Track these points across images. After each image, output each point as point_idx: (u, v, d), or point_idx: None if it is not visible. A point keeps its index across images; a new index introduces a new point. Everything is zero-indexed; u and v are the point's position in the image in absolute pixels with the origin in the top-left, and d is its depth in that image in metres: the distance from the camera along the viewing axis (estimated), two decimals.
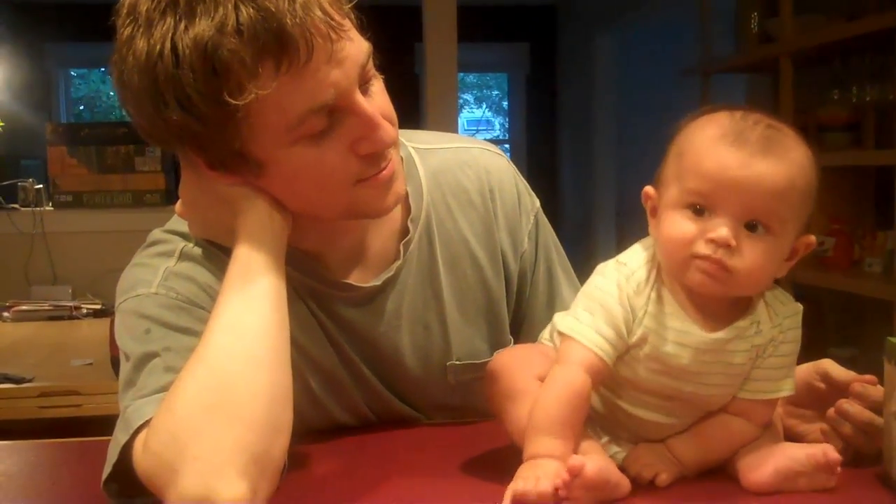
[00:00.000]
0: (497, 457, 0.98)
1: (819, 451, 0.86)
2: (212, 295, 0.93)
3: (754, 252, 0.83)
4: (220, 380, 0.82)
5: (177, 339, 0.91)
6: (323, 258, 1.03)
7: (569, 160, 7.11)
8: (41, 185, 3.58)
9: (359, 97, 0.88)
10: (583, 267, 0.96)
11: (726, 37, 3.70)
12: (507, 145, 7.57)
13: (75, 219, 3.47)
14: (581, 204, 6.64)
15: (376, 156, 0.91)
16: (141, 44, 0.83)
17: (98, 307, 3.19)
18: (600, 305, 0.87)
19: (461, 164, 1.13)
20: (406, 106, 0.95)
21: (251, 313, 0.86)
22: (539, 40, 7.22)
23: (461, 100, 8.51)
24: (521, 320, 1.17)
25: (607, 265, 0.90)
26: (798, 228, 0.85)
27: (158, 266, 0.98)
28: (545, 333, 1.00)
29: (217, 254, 0.97)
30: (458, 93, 4.63)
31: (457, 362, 1.11)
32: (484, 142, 1.20)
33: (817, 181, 0.85)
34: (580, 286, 0.92)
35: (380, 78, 0.93)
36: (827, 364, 0.97)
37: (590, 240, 6.21)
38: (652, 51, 5.67)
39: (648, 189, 0.90)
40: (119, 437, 0.87)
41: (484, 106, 9.69)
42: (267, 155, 0.88)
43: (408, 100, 1.04)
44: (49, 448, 1.18)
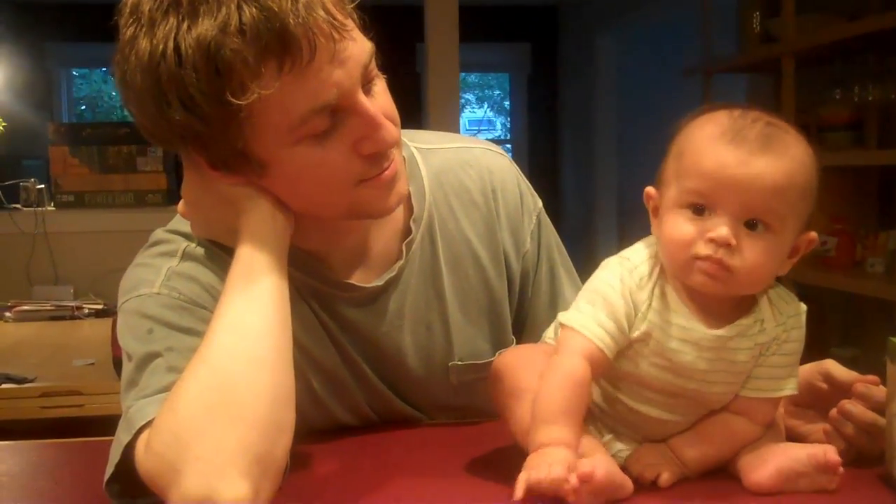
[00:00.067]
0: (499, 457, 0.98)
1: (820, 452, 0.86)
2: (214, 295, 0.93)
3: (755, 250, 0.83)
4: (223, 380, 0.82)
5: (179, 339, 0.91)
6: (325, 258, 1.03)
7: (570, 160, 7.11)
8: (43, 185, 3.58)
9: (361, 97, 0.88)
10: (584, 266, 0.96)
11: (728, 36, 3.69)
12: (509, 145, 7.56)
13: (77, 219, 3.48)
14: (582, 204, 6.64)
15: (379, 156, 0.91)
16: (144, 44, 0.83)
17: (100, 307, 3.19)
18: (602, 298, 0.87)
19: (463, 164, 1.13)
20: (408, 106, 0.95)
21: (254, 313, 0.86)
22: (540, 40, 7.22)
23: (463, 100, 8.50)
24: (524, 320, 1.17)
25: (611, 260, 0.90)
26: (799, 226, 0.85)
27: (161, 266, 0.98)
28: (549, 333, 1.00)
29: (219, 254, 0.97)
30: (460, 93, 4.62)
31: (459, 362, 1.11)
32: (486, 142, 1.20)
33: (817, 178, 0.85)
34: (582, 286, 0.92)
35: (382, 78, 0.92)
36: (829, 364, 0.97)
37: (591, 240, 6.21)
38: (653, 51, 5.67)
39: (650, 189, 0.90)
40: (121, 438, 0.87)
41: (485, 106, 9.69)
42: (269, 155, 0.88)
43: (409, 99, 1.04)
44: (51, 448, 1.18)
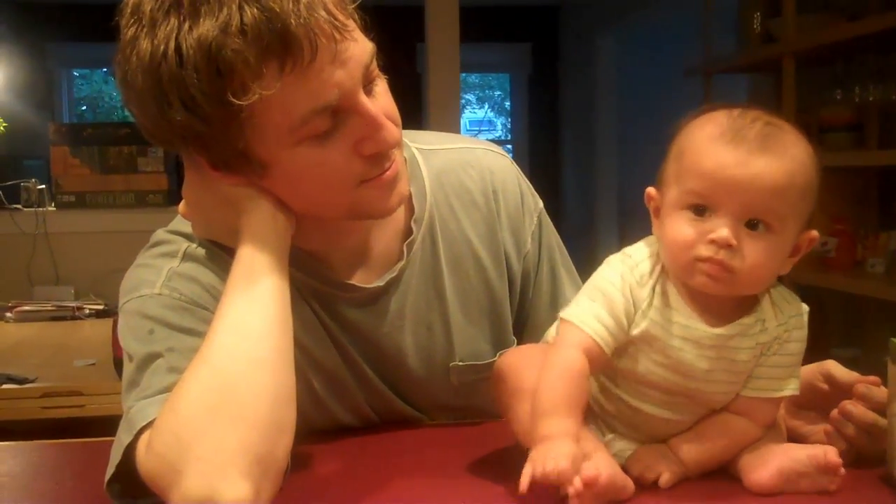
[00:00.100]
0: (500, 457, 0.98)
1: (820, 452, 0.86)
2: (215, 295, 0.93)
3: (756, 251, 0.83)
4: (224, 380, 0.82)
5: (180, 340, 0.91)
6: (326, 259, 1.03)
7: (571, 160, 7.11)
8: (44, 186, 3.58)
9: (363, 98, 0.87)
10: (585, 267, 0.96)
11: (728, 37, 3.69)
12: (510, 146, 7.57)
13: (78, 219, 3.48)
14: (583, 204, 6.64)
15: (380, 156, 0.91)
16: (145, 44, 0.83)
17: (101, 307, 3.19)
18: (602, 294, 0.87)
19: (464, 165, 1.13)
20: (408, 106, 0.96)
21: (255, 314, 0.86)
22: (541, 41, 7.22)
23: (463, 100, 8.50)
24: (525, 321, 1.17)
25: (614, 257, 0.91)
26: (800, 225, 0.85)
27: (162, 267, 0.98)
28: (550, 333, 1.00)
29: (220, 254, 0.97)
30: (461, 93, 4.62)
31: (459, 363, 1.11)
32: (487, 142, 1.20)
33: (818, 177, 0.85)
34: (583, 285, 0.92)
35: (384, 78, 0.92)
36: (830, 365, 0.97)
37: (592, 240, 6.21)
38: (654, 51, 5.67)
39: (651, 190, 0.90)
40: (122, 438, 0.87)
41: (486, 106, 9.69)
42: (271, 155, 0.88)
43: (410, 100, 1.04)
44: (52, 449, 1.18)
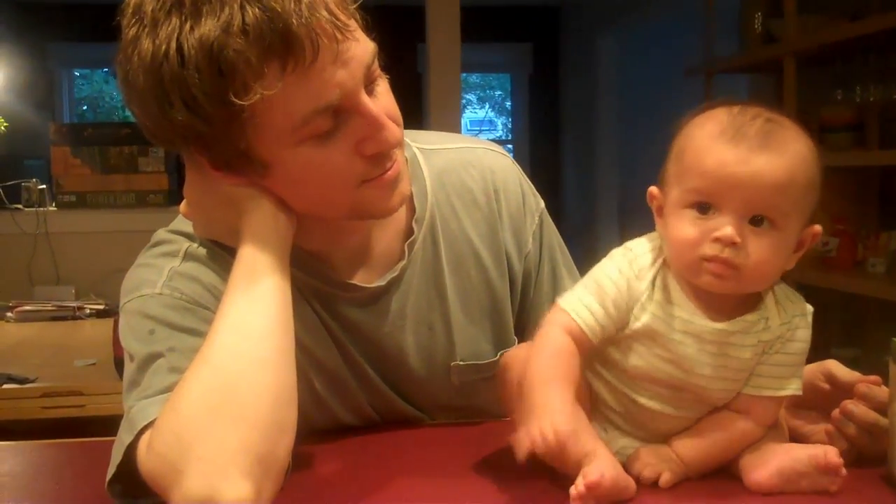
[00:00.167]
0: (501, 457, 0.98)
1: (821, 452, 0.86)
2: (216, 295, 0.93)
3: (760, 247, 0.83)
4: (225, 380, 0.82)
5: (181, 340, 0.91)
6: (327, 259, 1.03)
7: (571, 160, 7.10)
8: (44, 186, 3.58)
9: (364, 98, 0.88)
10: (586, 266, 0.96)
11: (729, 37, 3.69)
12: (510, 145, 7.56)
13: (78, 219, 3.48)
14: (584, 204, 6.64)
15: (381, 156, 0.91)
16: (146, 44, 0.83)
17: (101, 307, 3.19)
18: (596, 283, 0.89)
19: (466, 165, 1.13)
20: (409, 106, 0.96)
21: (256, 314, 0.86)
22: (542, 41, 7.22)
23: (464, 100, 8.50)
24: (526, 321, 1.17)
25: (616, 250, 0.92)
26: (803, 220, 0.86)
27: (163, 266, 0.98)
28: None
29: (222, 254, 0.97)
30: (461, 93, 4.62)
31: (461, 363, 1.11)
32: (488, 142, 1.20)
33: (820, 172, 0.85)
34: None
35: (385, 78, 0.92)
36: (831, 364, 0.97)
37: (592, 240, 6.20)
38: (655, 51, 5.67)
39: (653, 189, 0.90)
40: (123, 438, 0.87)
41: (487, 106, 9.69)
42: (272, 155, 0.88)
43: (410, 100, 1.04)
44: (52, 448, 1.18)
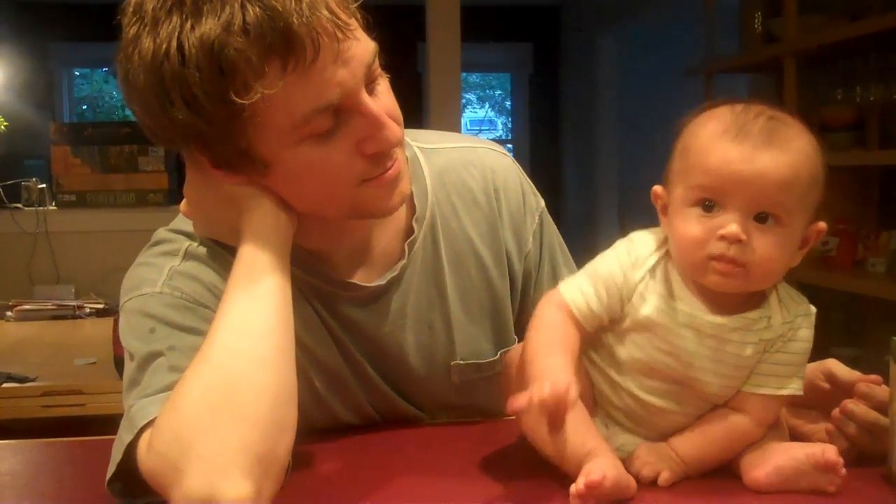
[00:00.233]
0: (501, 456, 0.98)
1: (819, 451, 0.86)
2: (217, 294, 0.93)
3: (765, 244, 0.84)
4: (225, 379, 0.82)
5: (181, 339, 0.91)
6: (328, 258, 1.03)
7: (571, 160, 7.10)
8: (44, 185, 3.58)
9: (365, 97, 0.88)
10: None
11: (730, 36, 3.69)
12: (510, 145, 7.56)
13: (78, 218, 3.47)
14: (584, 204, 6.64)
15: (382, 155, 0.91)
16: (147, 43, 0.83)
17: (101, 306, 3.19)
18: (593, 269, 0.92)
19: (466, 164, 1.13)
20: (409, 105, 0.96)
21: (256, 313, 0.86)
22: (542, 40, 7.22)
23: (464, 99, 8.50)
24: (526, 320, 1.15)
25: (619, 240, 0.93)
26: (808, 217, 0.87)
27: (163, 265, 0.98)
28: None
29: (222, 253, 0.97)
30: (461, 92, 4.62)
31: (461, 362, 1.11)
32: (489, 141, 1.20)
33: (824, 169, 0.86)
34: None
35: (385, 77, 0.92)
36: (832, 364, 0.97)
37: (592, 239, 6.20)
38: (655, 50, 5.67)
39: (657, 188, 0.91)
40: (123, 437, 0.87)
41: (487, 106, 9.68)
42: (272, 154, 0.88)
43: (410, 99, 1.03)
44: (52, 447, 1.18)
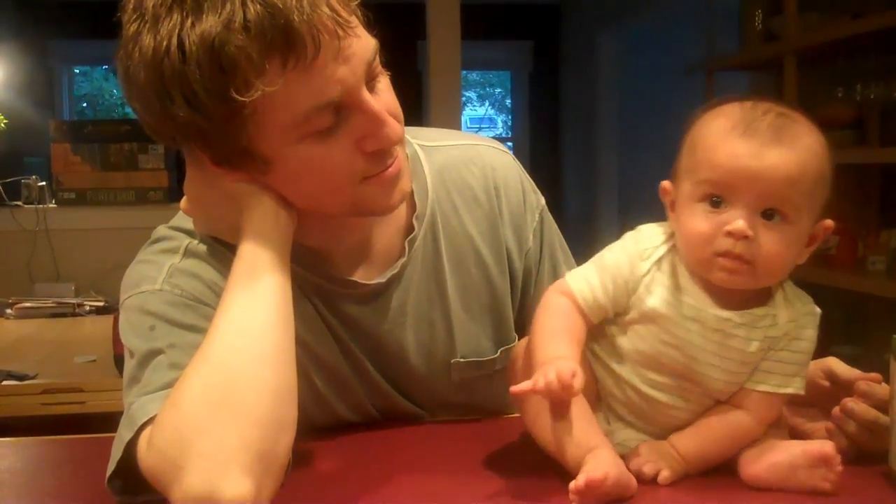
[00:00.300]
0: (501, 454, 0.98)
1: (816, 447, 0.86)
2: (217, 292, 0.93)
3: (772, 240, 0.84)
4: (225, 377, 0.82)
5: (181, 336, 0.91)
6: (328, 255, 1.03)
7: (572, 158, 7.10)
8: (44, 183, 3.58)
9: (365, 94, 0.87)
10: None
11: (730, 35, 3.69)
12: (510, 143, 7.56)
13: (78, 216, 3.48)
14: (584, 202, 6.64)
15: (382, 153, 0.91)
16: (147, 40, 0.83)
17: (101, 304, 3.19)
18: (599, 259, 0.92)
19: (466, 162, 1.13)
20: (409, 103, 0.95)
21: (256, 310, 0.86)
22: (542, 38, 7.21)
23: (464, 97, 8.49)
24: (526, 318, 1.16)
25: (628, 233, 0.93)
26: (814, 214, 0.87)
27: (163, 263, 0.98)
28: None
29: (222, 251, 0.97)
30: (461, 90, 4.62)
31: (461, 360, 1.11)
32: (489, 139, 1.20)
33: (831, 166, 0.86)
34: None
35: (386, 75, 0.92)
36: (832, 362, 0.97)
37: (593, 237, 6.19)
38: (655, 49, 5.67)
39: (665, 184, 0.91)
40: (123, 434, 0.86)
41: (487, 104, 9.68)
42: (273, 152, 0.88)
43: (410, 97, 1.03)
44: (52, 445, 1.18)
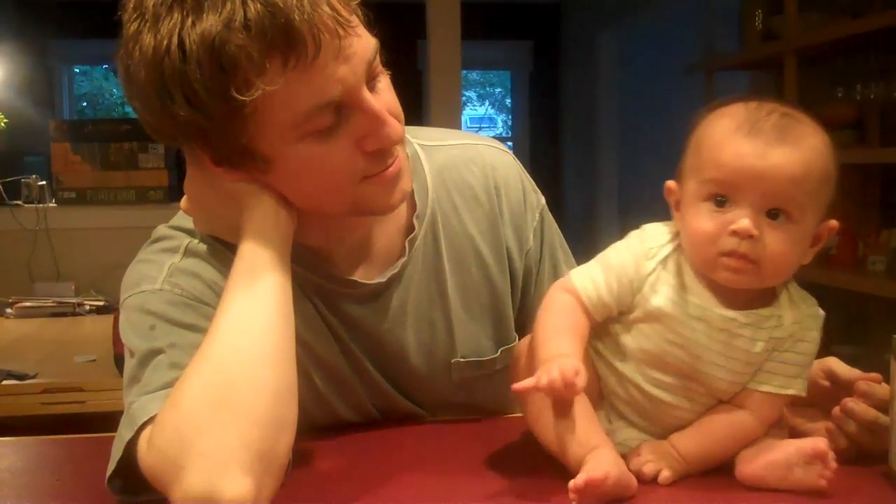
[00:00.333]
0: (501, 454, 0.98)
1: (809, 444, 0.86)
2: (217, 291, 0.93)
3: (777, 240, 0.84)
4: (225, 376, 0.82)
5: (182, 336, 0.91)
6: (328, 255, 1.03)
7: (572, 158, 7.10)
8: (44, 182, 3.58)
9: (366, 94, 0.87)
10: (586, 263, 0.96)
11: (730, 34, 3.68)
12: (510, 143, 7.56)
13: (79, 215, 3.47)
14: (584, 201, 6.64)
15: (383, 152, 0.91)
16: (148, 39, 0.83)
17: (101, 304, 3.18)
18: (604, 257, 0.92)
19: (466, 161, 1.13)
20: (409, 103, 0.95)
21: (256, 310, 0.86)
22: (542, 38, 7.21)
23: (464, 97, 8.49)
24: (526, 318, 1.16)
25: (633, 231, 0.94)
26: (819, 214, 0.87)
27: (163, 262, 0.98)
28: None
29: (222, 250, 0.97)
30: (461, 90, 4.62)
31: (461, 360, 1.11)
32: (489, 138, 1.20)
33: (836, 167, 0.86)
34: None
35: (387, 74, 0.92)
36: (832, 362, 0.97)
37: (593, 236, 6.20)
38: (655, 48, 5.66)
39: (670, 183, 0.92)
40: (123, 434, 0.86)
41: (487, 103, 9.67)
42: (273, 151, 0.88)
43: (410, 97, 1.03)
44: (52, 444, 1.18)
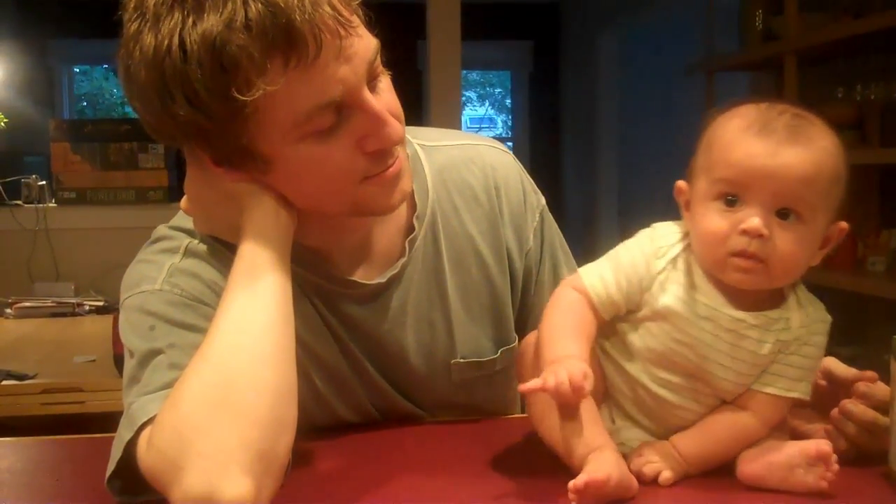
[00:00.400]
0: (501, 455, 0.98)
1: (812, 446, 0.86)
2: (217, 292, 0.93)
3: (787, 240, 0.84)
4: (225, 377, 0.82)
5: (181, 336, 0.91)
6: (328, 255, 1.03)
7: (571, 158, 7.10)
8: (44, 182, 3.57)
9: (367, 94, 0.87)
10: (586, 263, 0.96)
11: (730, 34, 3.68)
12: (510, 143, 7.56)
13: (78, 215, 3.47)
14: (584, 201, 6.64)
15: (383, 153, 0.91)
16: (148, 39, 0.83)
17: (101, 304, 3.18)
18: (614, 255, 0.92)
19: (467, 161, 1.13)
20: (409, 103, 0.95)
21: (256, 310, 0.86)
22: (542, 38, 7.22)
23: (464, 97, 8.49)
24: (526, 318, 1.17)
25: (643, 230, 0.94)
26: (829, 216, 0.87)
27: (163, 262, 0.98)
28: None
29: (222, 250, 0.97)
30: (461, 90, 4.62)
31: (461, 360, 1.11)
32: (489, 139, 1.20)
33: (846, 168, 0.87)
34: None
35: (387, 75, 0.92)
36: (829, 361, 0.97)
37: (593, 237, 6.20)
38: (655, 49, 5.66)
39: (681, 183, 0.92)
40: (123, 434, 0.86)
41: (487, 103, 9.68)
42: (274, 151, 0.88)
43: (410, 97, 1.03)
44: (52, 445, 1.18)
